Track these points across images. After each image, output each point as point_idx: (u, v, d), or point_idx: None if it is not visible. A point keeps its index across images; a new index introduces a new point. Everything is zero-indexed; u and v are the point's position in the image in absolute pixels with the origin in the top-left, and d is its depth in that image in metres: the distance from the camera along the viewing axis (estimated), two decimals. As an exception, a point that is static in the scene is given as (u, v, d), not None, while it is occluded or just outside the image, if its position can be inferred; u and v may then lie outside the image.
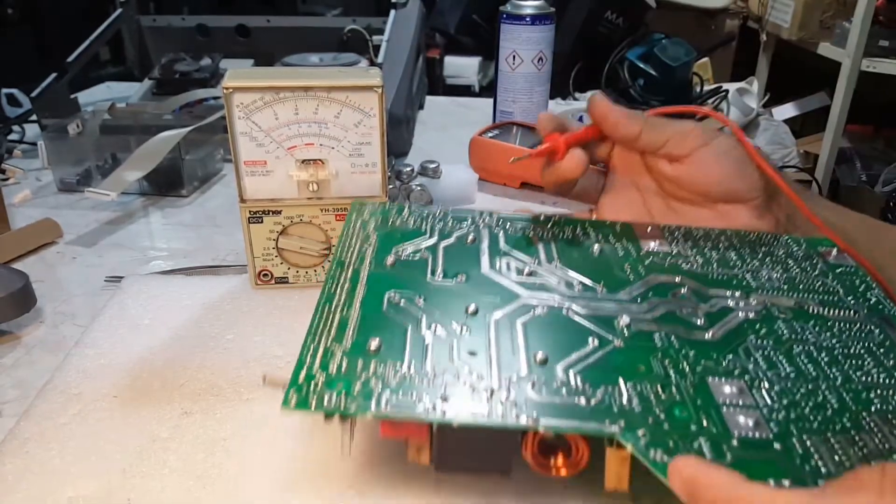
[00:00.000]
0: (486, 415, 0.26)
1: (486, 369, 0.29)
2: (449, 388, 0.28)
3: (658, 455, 0.25)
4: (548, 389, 0.28)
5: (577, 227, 0.42)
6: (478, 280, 0.36)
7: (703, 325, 0.33)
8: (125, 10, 0.99)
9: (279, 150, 0.45)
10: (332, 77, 0.44)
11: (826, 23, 1.69)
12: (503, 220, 0.43)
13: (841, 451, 0.26)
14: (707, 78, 1.68)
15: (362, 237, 0.39)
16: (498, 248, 0.39)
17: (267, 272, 0.49)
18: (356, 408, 0.26)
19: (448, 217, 0.42)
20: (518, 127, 0.74)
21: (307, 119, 0.44)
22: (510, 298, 0.34)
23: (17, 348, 0.44)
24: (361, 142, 0.46)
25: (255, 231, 0.47)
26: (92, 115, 0.76)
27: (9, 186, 0.71)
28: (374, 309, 0.33)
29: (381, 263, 0.37)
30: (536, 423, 0.26)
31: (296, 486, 0.32)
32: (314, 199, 0.47)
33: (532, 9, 0.76)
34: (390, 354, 0.29)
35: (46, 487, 0.32)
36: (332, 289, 0.34)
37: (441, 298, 0.34)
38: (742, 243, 0.41)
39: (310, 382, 0.27)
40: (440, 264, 0.37)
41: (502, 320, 0.33)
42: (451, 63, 1.50)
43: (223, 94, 0.43)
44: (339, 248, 0.38)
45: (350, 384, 0.27)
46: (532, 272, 0.37)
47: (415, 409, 0.27)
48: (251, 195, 0.46)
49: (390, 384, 0.28)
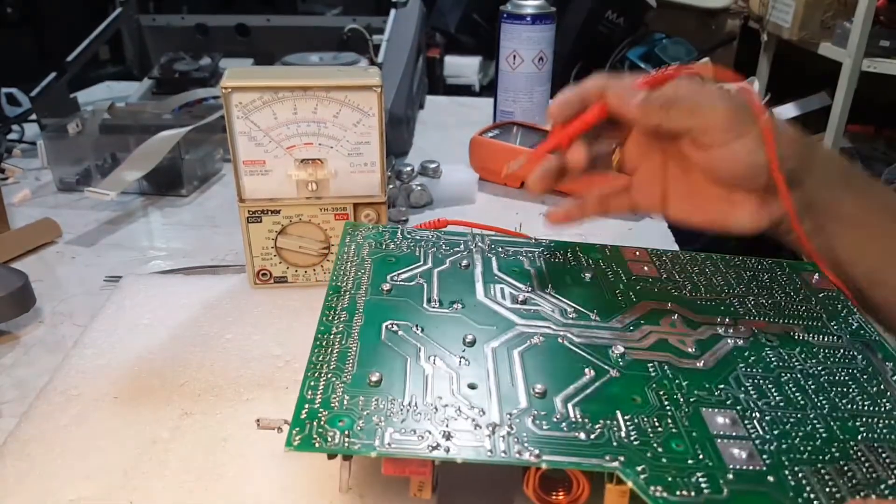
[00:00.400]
0: (489, 452, 0.27)
1: (486, 403, 0.29)
2: (451, 424, 0.28)
3: (658, 491, 0.25)
4: (548, 423, 0.28)
5: (567, 251, 0.44)
6: (473, 307, 0.36)
7: (695, 353, 0.34)
8: (125, 9, 0.99)
9: (278, 150, 0.45)
10: (330, 76, 0.44)
11: (827, 23, 1.69)
12: (495, 243, 0.44)
13: (831, 482, 0.26)
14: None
15: (357, 262, 0.40)
16: (492, 273, 0.40)
17: (266, 271, 0.48)
18: (360, 447, 0.26)
19: (440, 241, 0.43)
20: (518, 127, 0.74)
21: (306, 119, 0.44)
22: (506, 327, 0.35)
23: (17, 348, 0.44)
24: (360, 141, 0.46)
25: (254, 230, 0.47)
26: (91, 114, 0.76)
27: (8, 186, 0.71)
28: (372, 339, 0.33)
29: (378, 290, 0.37)
30: (539, 460, 0.26)
31: (296, 486, 0.32)
32: (313, 198, 0.47)
33: (533, 8, 0.76)
34: (391, 388, 0.30)
35: (48, 489, 0.31)
36: (329, 318, 0.34)
37: (438, 327, 0.34)
38: (728, 268, 0.43)
39: (312, 420, 0.27)
40: (435, 291, 0.38)
41: (500, 349, 0.33)
42: (451, 63, 1.50)
43: (222, 94, 0.43)
44: (335, 273, 0.38)
45: (353, 422, 0.28)
46: (525, 299, 0.37)
47: (418, 447, 0.27)
48: (250, 195, 0.46)
49: (393, 421, 0.28)
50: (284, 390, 0.38)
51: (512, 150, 0.68)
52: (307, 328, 0.44)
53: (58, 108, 0.82)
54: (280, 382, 0.39)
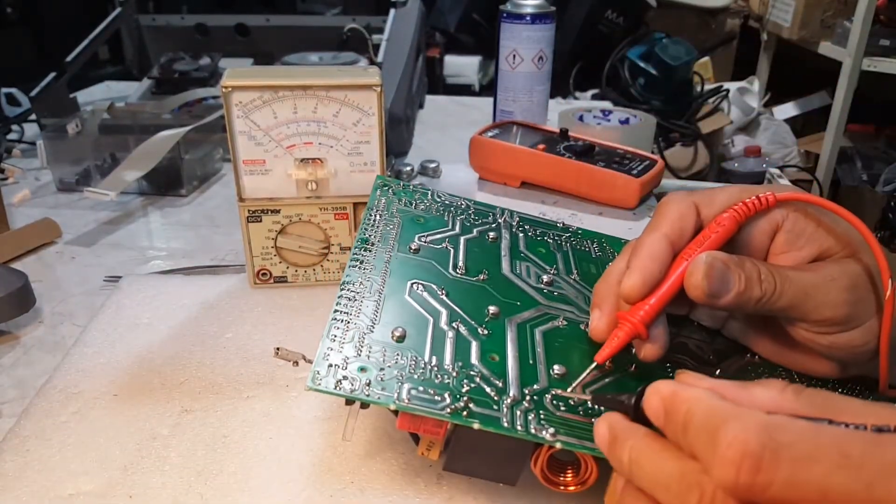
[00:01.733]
0: (507, 423, 0.27)
1: (506, 377, 0.29)
2: (472, 391, 0.28)
3: None
4: (565, 406, 0.28)
5: (594, 241, 0.43)
6: (498, 280, 0.36)
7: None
8: (124, 9, 0.99)
9: (278, 149, 0.45)
10: (330, 76, 0.44)
11: (827, 22, 1.69)
12: (523, 221, 0.43)
13: None
14: (708, 77, 1.68)
15: (386, 216, 0.39)
16: (518, 250, 0.40)
17: (266, 271, 0.48)
18: (380, 397, 0.27)
19: (470, 210, 0.42)
20: (518, 126, 0.74)
21: (306, 118, 0.44)
22: (530, 304, 0.35)
23: (17, 348, 0.44)
24: (360, 140, 0.46)
25: (254, 230, 0.47)
26: (91, 114, 0.76)
27: (8, 186, 0.71)
28: (398, 295, 0.33)
29: (406, 248, 0.37)
30: (555, 439, 0.26)
31: (296, 481, 0.32)
32: (313, 197, 0.47)
33: (532, 8, 0.76)
34: (413, 345, 0.30)
35: (47, 485, 0.31)
36: (356, 268, 0.34)
37: (462, 294, 0.34)
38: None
39: (335, 363, 0.27)
40: (461, 258, 0.37)
41: (522, 326, 0.33)
42: (451, 62, 1.50)
43: (222, 93, 0.43)
44: (364, 223, 0.38)
45: (374, 372, 0.28)
46: (551, 281, 0.37)
47: (436, 407, 0.27)
48: (250, 194, 0.46)
49: (413, 378, 0.28)
50: (285, 388, 0.38)
51: (512, 149, 0.68)
52: (307, 328, 0.44)
53: (57, 108, 0.82)
54: (280, 380, 0.39)
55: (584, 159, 0.64)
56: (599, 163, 0.64)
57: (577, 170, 0.64)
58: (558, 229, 0.43)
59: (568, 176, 0.65)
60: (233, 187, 0.46)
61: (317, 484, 0.32)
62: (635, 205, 0.64)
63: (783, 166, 1.64)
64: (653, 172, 0.64)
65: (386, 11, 0.92)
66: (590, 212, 0.64)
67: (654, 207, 0.65)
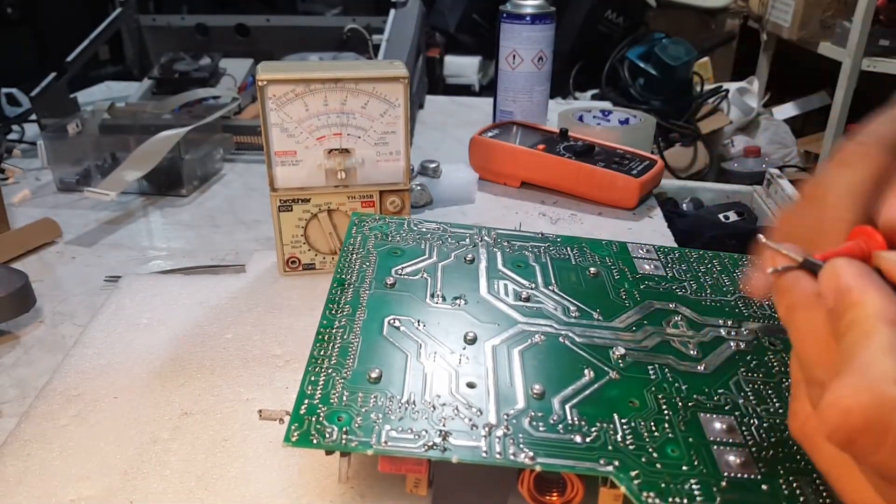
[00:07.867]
0: (484, 452, 0.27)
1: (484, 403, 0.29)
2: (448, 423, 0.28)
3: (650, 497, 0.25)
4: (545, 425, 0.28)
5: (574, 247, 0.43)
6: (476, 304, 0.36)
7: (697, 357, 0.34)
8: (125, 9, 0.99)
9: (309, 140, 0.46)
10: (359, 69, 0.46)
11: (826, 22, 1.69)
12: (501, 237, 0.43)
13: (825, 492, 0.26)
14: (707, 77, 1.68)
15: (362, 254, 0.40)
16: (496, 268, 0.40)
17: (295, 259, 0.50)
18: (357, 444, 0.27)
19: (446, 235, 0.43)
20: (518, 126, 0.74)
21: (336, 110, 0.46)
22: (508, 325, 0.35)
23: (17, 348, 0.44)
24: (386, 131, 0.47)
25: (285, 219, 0.49)
26: (91, 114, 0.76)
27: (8, 186, 0.71)
28: (374, 334, 0.33)
29: (382, 284, 0.37)
30: (534, 463, 0.26)
31: (296, 485, 0.32)
32: (341, 186, 0.48)
33: (532, 8, 0.76)
34: (390, 384, 0.30)
35: (48, 489, 0.31)
36: (332, 311, 0.34)
37: (440, 323, 0.34)
38: (735, 267, 0.42)
39: (311, 416, 0.28)
40: (439, 286, 0.38)
41: (500, 347, 0.33)
42: (451, 62, 1.49)
43: (257, 87, 0.44)
44: (340, 265, 0.38)
45: (351, 418, 0.28)
46: (529, 296, 0.37)
47: (414, 446, 0.27)
48: (282, 184, 0.48)
49: (390, 418, 0.28)
50: (284, 390, 0.38)
51: (512, 149, 0.68)
52: (307, 328, 0.44)
53: (58, 108, 0.82)
54: (280, 382, 0.39)
55: (584, 159, 0.64)
56: (599, 163, 0.64)
57: (576, 170, 0.64)
58: (537, 240, 0.44)
59: (568, 176, 0.65)
60: (233, 187, 0.46)
61: (317, 489, 0.32)
62: (635, 205, 0.64)
63: (783, 166, 1.64)
64: (652, 172, 0.64)
65: (386, 11, 0.92)
66: (590, 212, 0.64)
67: (654, 207, 0.65)
